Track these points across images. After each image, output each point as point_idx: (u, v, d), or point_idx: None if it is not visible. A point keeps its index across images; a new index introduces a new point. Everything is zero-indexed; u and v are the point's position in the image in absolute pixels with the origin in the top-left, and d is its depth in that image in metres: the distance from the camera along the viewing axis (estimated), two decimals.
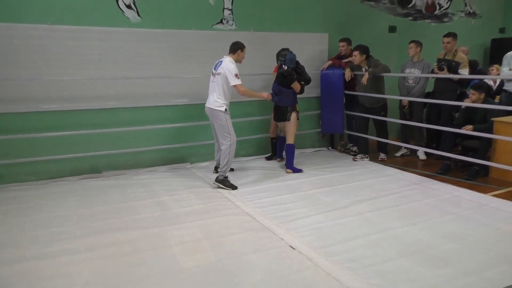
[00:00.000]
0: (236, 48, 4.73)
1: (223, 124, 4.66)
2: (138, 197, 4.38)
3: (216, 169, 5.21)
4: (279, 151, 5.79)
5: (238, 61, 4.76)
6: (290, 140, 5.27)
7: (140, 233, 3.49)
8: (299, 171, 5.25)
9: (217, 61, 4.76)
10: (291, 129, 5.24)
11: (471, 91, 5.02)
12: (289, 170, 5.23)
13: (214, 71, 4.73)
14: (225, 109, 4.64)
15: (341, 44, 6.16)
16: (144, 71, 5.28)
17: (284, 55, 5.18)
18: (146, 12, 5.21)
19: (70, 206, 4.14)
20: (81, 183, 4.91)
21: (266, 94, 4.98)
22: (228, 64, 4.61)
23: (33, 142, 4.87)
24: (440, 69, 5.43)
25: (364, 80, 5.57)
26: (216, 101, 4.64)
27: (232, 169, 5.25)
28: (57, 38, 4.81)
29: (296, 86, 5.14)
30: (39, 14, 4.71)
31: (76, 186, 4.77)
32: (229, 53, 4.74)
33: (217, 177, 4.71)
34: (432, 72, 5.73)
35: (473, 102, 5.00)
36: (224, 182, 4.66)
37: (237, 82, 4.58)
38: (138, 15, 5.19)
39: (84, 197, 4.39)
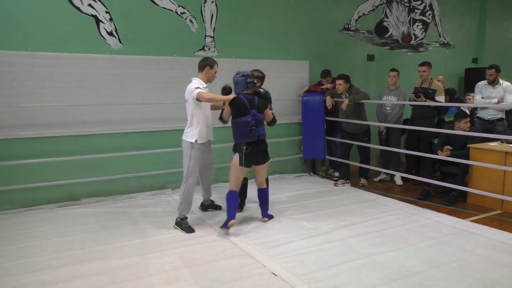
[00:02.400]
0: (204, 65, 4.13)
1: (184, 159, 4.12)
2: (117, 225, 4.29)
3: (202, 206, 4.76)
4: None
5: (208, 80, 4.17)
6: (265, 182, 4.49)
7: (119, 262, 3.40)
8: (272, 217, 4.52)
9: None
10: (266, 169, 4.39)
11: (463, 120, 5.06)
12: (265, 219, 4.40)
13: None
14: (194, 142, 4.07)
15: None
16: (125, 97, 5.26)
17: (257, 75, 4.55)
18: (127, 39, 5.24)
19: (46, 235, 4.01)
20: (58, 211, 4.78)
21: (231, 96, 4.02)
22: (188, 86, 4.07)
23: (9, 169, 4.75)
24: (417, 96, 5.58)
25: (344, 105, 5.67)
26: (186, 132, 4.14)
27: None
28: (38, 65, 4.77)
29: (269, 113, 4.27)
30: (19, 41, 4.68)
31: (53, 215, 4.64)
32: (198, 71, 4.16)
33: (176, 218, 4.20)
34: (410, 100, 5.88)
35: (464, 130, 5.05)
36: (179, 224, 4.15)
37: (197, 91, 3.94)
38: (120, 42, 5.21)
39: (61, 226, 4.27)
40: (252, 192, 4.86)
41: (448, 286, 2.99)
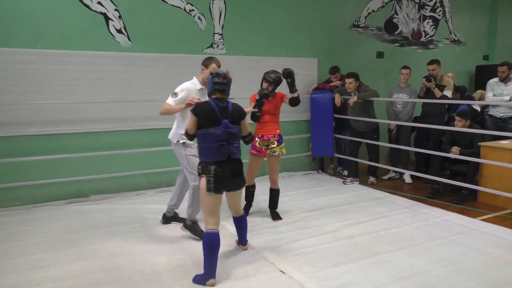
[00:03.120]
0: (201, 64, 3.85)
1: (181, 160, 3.90)
2: (126, 222, 4.31)
3: (164, 217, 4.26)
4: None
5: (204, 81, 3.78)
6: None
7: (128, 258, 3.41)
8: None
9: None
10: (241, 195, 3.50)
11: (457, 118, 5.07)
12: (245, 247, 3.60)
13: None
14: (178, 141, 3.85)
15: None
16: (134, 95, 5.27)
17: (270, 78, 4.19)
18: (136, 36, 5.25)
19: (55, 231, 4.04)
20: (67, 207, 4.82)
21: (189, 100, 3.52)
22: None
23: (19, 166, 4.79)
24: (428, 80, 5.57)
25: (351, 101, 5.64)
26: (173, 133, 3.96)
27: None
28: (47, 63, 4.80)
29: (246, 125, 3.34)
30: (29, 39, 4.71)
31: (62, 211, 4.68)
32: None
33: (185, 221, 3.90)
34: (419, 97, 5.84)
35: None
36: (191, 228, 3.84)
37: (167, 100, 3.76)
38: (129, 39, 5.22)
39: (69, 222, 4.30)
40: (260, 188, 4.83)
41: (457, 285, 2.96)
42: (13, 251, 3.57)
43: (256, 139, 4.24)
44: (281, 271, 3.17)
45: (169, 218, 4.26)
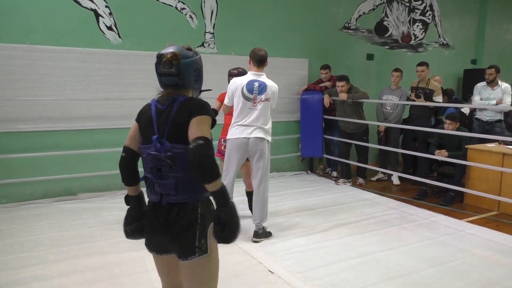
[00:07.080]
0: (264, 60, 3.82)
1: (266, 161, 3.69)
2: (114, 220, 4.27)
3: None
4: None
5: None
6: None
7: (116, 257, 3.39)
8: None
9: (250, 80, 3.67)
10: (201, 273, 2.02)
11: (447, 121, 5.11)
12: None
13: (252, 95, 3.61)
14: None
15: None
16: (124, 93, 5.24)
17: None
18: (127, 34, 5.22)
19: (43, 230, 4.00)
20: (55, 206, 4.77)
21: None
22: (274, 86, 3.76)
23: (6, 163, 4.72)
24: (417, 96, 5.61)
25: (341, 97, 5.70)
26: (267, 131, 3.69)
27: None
28: (36, 59, 4.74)
29: (193, 129, 1.83)
30: (18, 34, 4.65)
31: (50, 209, 4.63)
32: (258, 66, 3.74)
33: (256, 232, 3.76)
34: (408, 99, 5.89)
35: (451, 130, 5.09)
36: (267, 235, 3.83)
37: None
38: (119, 36, 5.19)
39: (58, 221, 4.25)
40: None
41: (444, 285, 3.00)
42: (1, 250, 3.52)
43: (222, 142, 4.06)
44: (270, 270, 3.18)
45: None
